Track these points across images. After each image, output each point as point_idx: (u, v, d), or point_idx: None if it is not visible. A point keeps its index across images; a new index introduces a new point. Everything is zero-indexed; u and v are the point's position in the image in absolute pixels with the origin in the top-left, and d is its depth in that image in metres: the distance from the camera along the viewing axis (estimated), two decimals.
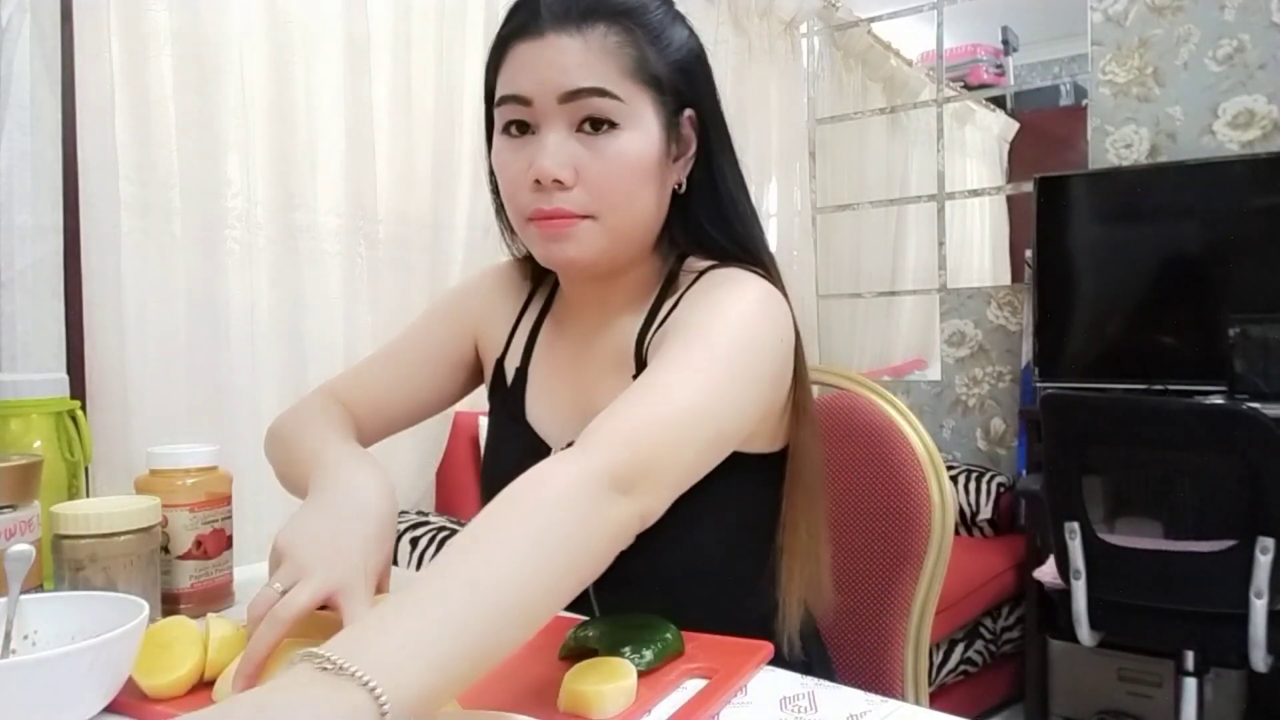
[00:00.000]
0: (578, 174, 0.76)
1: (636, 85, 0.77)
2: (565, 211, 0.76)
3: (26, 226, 1.44)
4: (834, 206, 3.31)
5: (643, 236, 0.83)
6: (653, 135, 0.78)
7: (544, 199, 0.76)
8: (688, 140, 0.83)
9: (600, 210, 0.77)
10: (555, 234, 0.77)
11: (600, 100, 0.75)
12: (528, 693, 0.64)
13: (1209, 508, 1.69)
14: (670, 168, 0.81)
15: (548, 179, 0.75)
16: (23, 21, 1.42)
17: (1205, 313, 2.36)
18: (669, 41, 0.80)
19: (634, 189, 0.78)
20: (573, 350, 0.89)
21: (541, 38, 0.76)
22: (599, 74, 0.75)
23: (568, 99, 0.75)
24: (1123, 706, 2.35)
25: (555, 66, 0.75)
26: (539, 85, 0.76)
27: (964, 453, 3.00)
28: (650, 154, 0.78)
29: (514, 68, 0.78)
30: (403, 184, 2.03)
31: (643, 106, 0.78)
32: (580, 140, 0.76)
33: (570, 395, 0.88)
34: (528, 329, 0.93)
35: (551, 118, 0.76)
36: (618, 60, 0.76)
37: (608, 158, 0.76)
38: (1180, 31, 2.58)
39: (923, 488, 0.97)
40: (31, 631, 0.67)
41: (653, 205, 0.81)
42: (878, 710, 0.63)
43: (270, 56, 1.78)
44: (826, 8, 3.26)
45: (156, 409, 1.60)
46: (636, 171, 0.78)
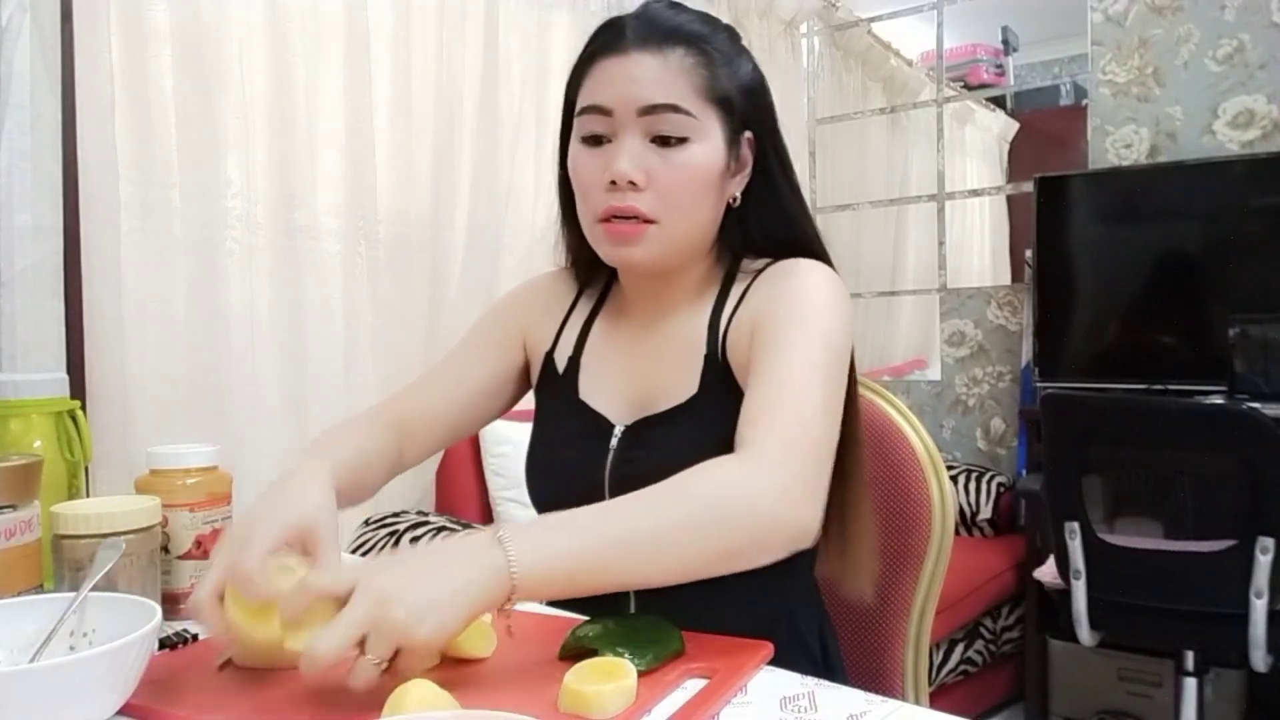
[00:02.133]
0: (649, 178, 0.84)
1: (707, 104, 0.85)
2: (636, 210, 0.83)
3: (26, 226, 1.44)
4: (834, 206, 3.30)
5: (698, 241, 0.90)
6: (718, 150, 0.86)
7: (617, 197, 0.84)
8: (745, 159, 0.90)
9: (665, 215, 0.84)
10: (624, 238, 0.85)
11: (674, 115, 0.83)
12: (528, 693, 0.64)
13: (1209, 508, 1.69)
14: (728, 182, 0.89)
15: (623, 180, 0.83)
16: (23, 21, 1.42)
17: (1205, 313, 2.36)
18: (738, 67, 0.88)
19: (697, 197, 0.86)
20: (630, 337, 0.95)
21: (625, 55, 0.83)
22: (676, 92, 0.83)
23: (646, 112, 0.83)
24: (1123, 706, 2.35)
25: (637, 82, 0.83)
26: (620, 97, 0.83)
27: (964, 453, 3.00)
28: (714, 167, 0.86)
29: (597, 81, 0.85)
30: (403, 184, 2.03)
31: (711, 124, 0.85)
32: (653, 150, 0.84)
33: (627, 375, 0.93)
34: (579, 323, 0.98)
35: (629, 128, 0.84)
36: (692, 80, 0.84)
37: (677, 167, 0.84)
38: (1180, 31, 2.58)
39: (923, 488, 0.97)
40: (91, 630, 0.68)
41: (710, 214, 0.88)
42: (878, 710, 0.63)
43: (270, 56, 1.78)
44: (826, 8, 3.26)
45: (156, 409, 1.60)
46: (701, 182, 0.85)
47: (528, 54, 2.28)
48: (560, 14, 2.37)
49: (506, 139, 2.23)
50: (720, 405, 0.85)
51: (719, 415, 0.84)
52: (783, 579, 0.87)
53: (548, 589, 0.66)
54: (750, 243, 0.93)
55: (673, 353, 0.91)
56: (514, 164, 2.25)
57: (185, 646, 0.76)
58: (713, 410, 0.85)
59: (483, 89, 2.15)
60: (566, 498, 0.73)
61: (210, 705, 0.65)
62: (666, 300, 0.93)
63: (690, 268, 0.92)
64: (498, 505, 2.11)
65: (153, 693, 0.64)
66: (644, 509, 0.69)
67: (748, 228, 0.92)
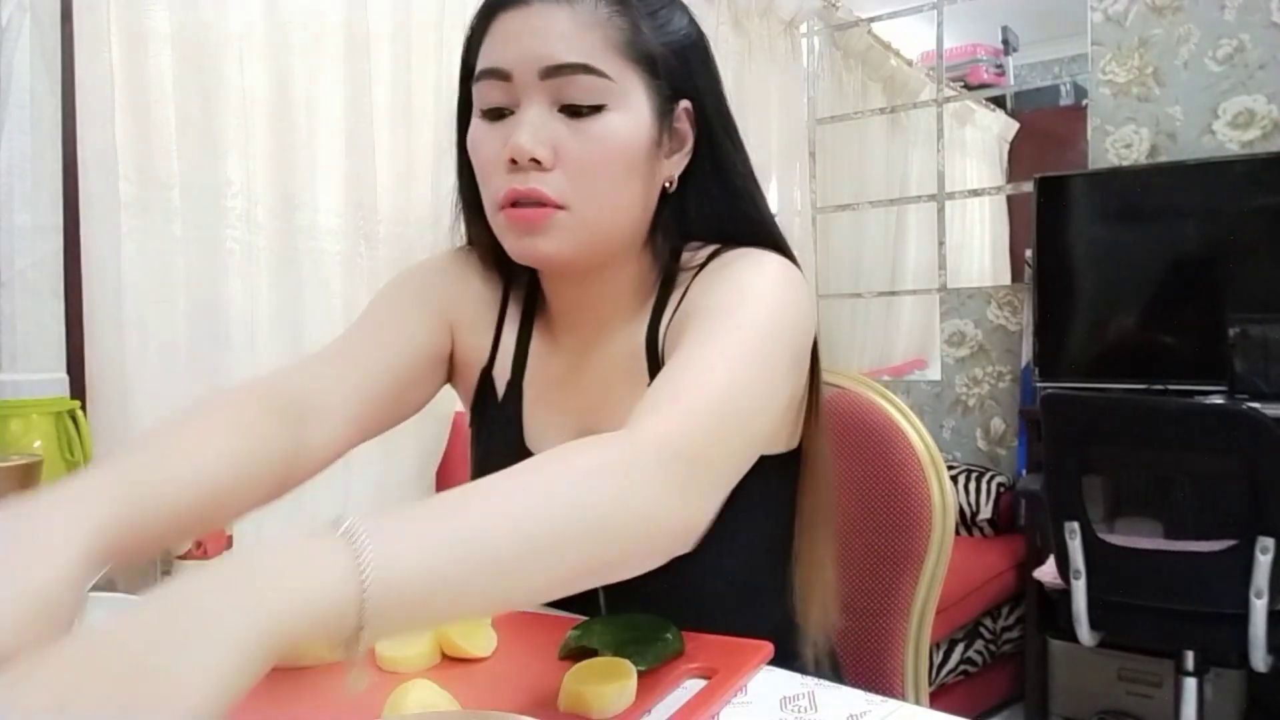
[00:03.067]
0: (557, 154, 0.70)
1: (627, 63, 0.71)
2: (540, 194, 0.69)
3: (26, 226, 1.44)
4: (834, 206, 3.30)
5: (624, 232, 0.76)
6: (642, 120, 0.72)
7: (520, 178, 0.70)
8: (682, 135, 0.76)
9: (577, 199, 0.70)
10: (528, 226, 0.71)
11: (585, 77, 0.69)
12: (528, 693, 0.64)
13: (1209, 508, 1.69)
14: (660, 161, 0.75)
15: (524, 158, 0.69)
16: (23, 21, 1.42)
17: (1205, 313, 2.36)
18: (666, 20, 0.74)
19: (617, 177, 0.71)
20: (571, 364, 0.82)
21: (527, 6, 0.70)
22: (586, 48, 0.69)
23: (550, 74, 0.69)
24: (1123, 706, 2.35)
25: (539, 37, 0.69)
26: (520, 58, 0.70)
27: (964, 453, 3.00)
28: (638, 140, 0.72)
29: (495, 40, 0.72)
30: (403, 184, 2.03)
31: (633, 87, 0.71)
32: (562, 120, 0.70)
33: (575, 416, 0.80)
34: (513, 336, 0.85)
35: (532, 94, 0.70)
36: (607, 33, 0.70)
37: (591, 139, 0.70)
38: (1180, 31, 2.58)
39: (923, 488, 0.96)
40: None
41: (637, 198, 0.74)
42: (878, 710, 0.63)
43: (270, 56, 1.78)
44: (826, 8, 3.26)
45: (156, 409, 1.60)
46: (621, 157, 0.71)
47: None
48: None
49: None
50: None
51: None
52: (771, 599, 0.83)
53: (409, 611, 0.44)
54: (690, 233, 0.79)
55: (616, 377, 0.79)
56: None
57: None
58: None
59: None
60: None
61: None
62: (604, 310, 0.80)
63: (619, 267, 0.78)
64: None
65: None
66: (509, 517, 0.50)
67: (688, 218, 0.78)
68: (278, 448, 0.67)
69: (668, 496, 0.55)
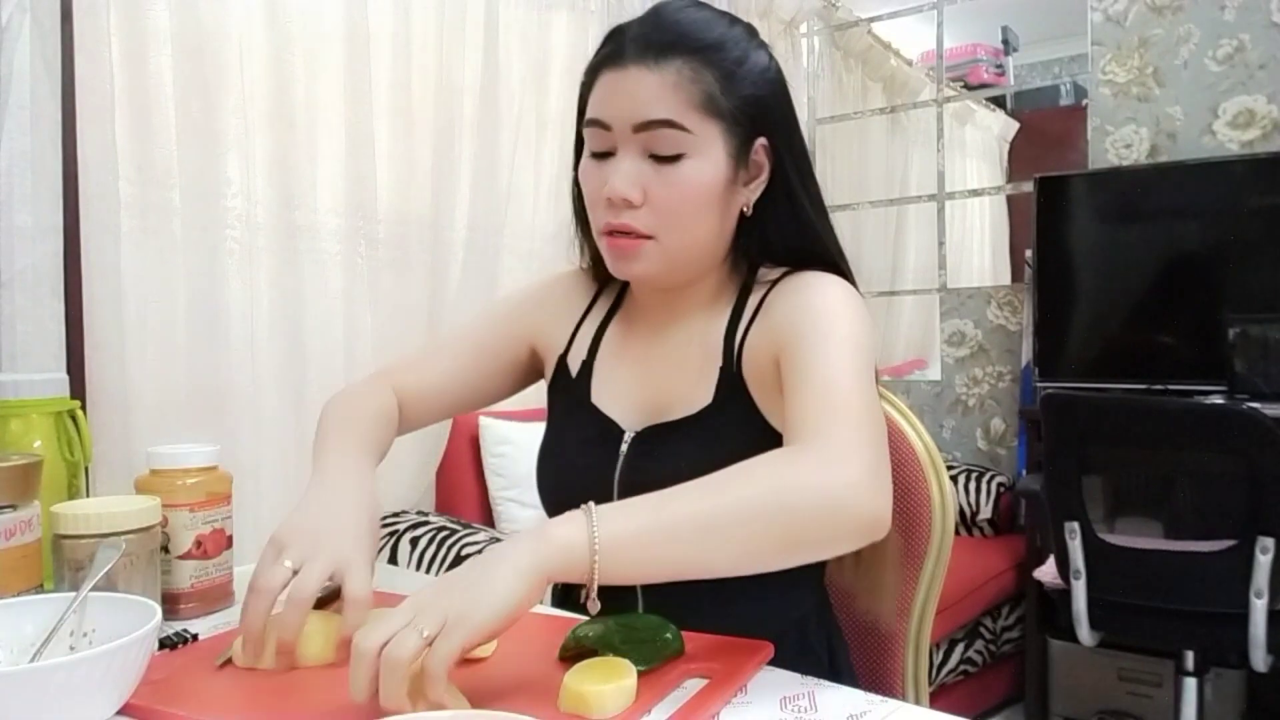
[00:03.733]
0: (646, 196, 0.83)
1: (704, 118, 0.82)
2: (632, 228, 0.83)
3: (26, 226, 1.44)
4: (834, 206, 3.30)
5: (704, 255, 0.88)
6: (718, 164, 0.84)
7: (614, 215, 0.84)
8: (758, 166, 0.88)
9: (662, 232, 0.84)
10: (623, 252, 0.85)
11: (669, 131, 0.81)
12: (528, 693, 0.64)
13: (1209, 508, 1.69)
14: (737, 192, 0.87)
15: (618, 198, 0.82)
16: (23, 21, 1.42)
17: (1205, 313, 2.36)
18: (745, 75, 0.85)
19: (696, 214, 0.84)
20: (643, 343, 0.94)
21: (624, 70, 0.82)
22: (669, 107, 0.81)
23: (641, 129, 0.82)
24: (1123, 706, 2.35)
25: (632, 98, 0.81)
26: (617, 114, 0.82)
27: (964, 453, 3.00)
28: (715, 182, 0.84)
29: (599, 95, 0.85)
30: (403, 184, 2.03)
31: (710, 137, 0.83)
32: (651, 165, 0.83)
33: (639, 381, 0.92)
34: (593, 327, 0.98)
35: (627, 143, 0.83)
36: (688, 95, 0.81)
37: (673, 184, 0.82)
38: (1180, 31, 2.58)
39: (923, 488, 0.97)
40: (91, 630, 0.68)
41: (714, 228, 0.87)
42: (878, 710, 0.63)
43: (270, 56, 1.78)
44: (826, 8, 3.26)
45: (156, 409, 1.60)
46: (699, 198, 0.84)
47: (528, 54, 2.28)
48: (560, 14, 2.37)
49: (506, 139, 2.23)
50: (733, 418, 0.85)
51: (732, 428, 0.85)
52: (790, 590, 0.87)
53: (626, 563, 0.65)
54: (768, 250, 0.91)
55: (686, 361, 0.90)
56: (514, 164, 2.25)
57: (185, 646, 0.76)
58: (725, 423, 0.85)
59: (483, 89, 2.15)
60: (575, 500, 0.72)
61: (210, 705, 0.65)
62: (680, 309, 0.92)
63: (702, 278, 0.91)
64: (498, 505, 2.11)
65: (153, 693, 0.64)
66: (718, 494, 0.67)
67: (765, 235, 0.90)
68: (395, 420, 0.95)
69: (863, 488, 0.69)
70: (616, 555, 0.64)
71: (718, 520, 0.66)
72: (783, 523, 0.67)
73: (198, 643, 0.77)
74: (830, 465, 0.69)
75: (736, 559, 0.68)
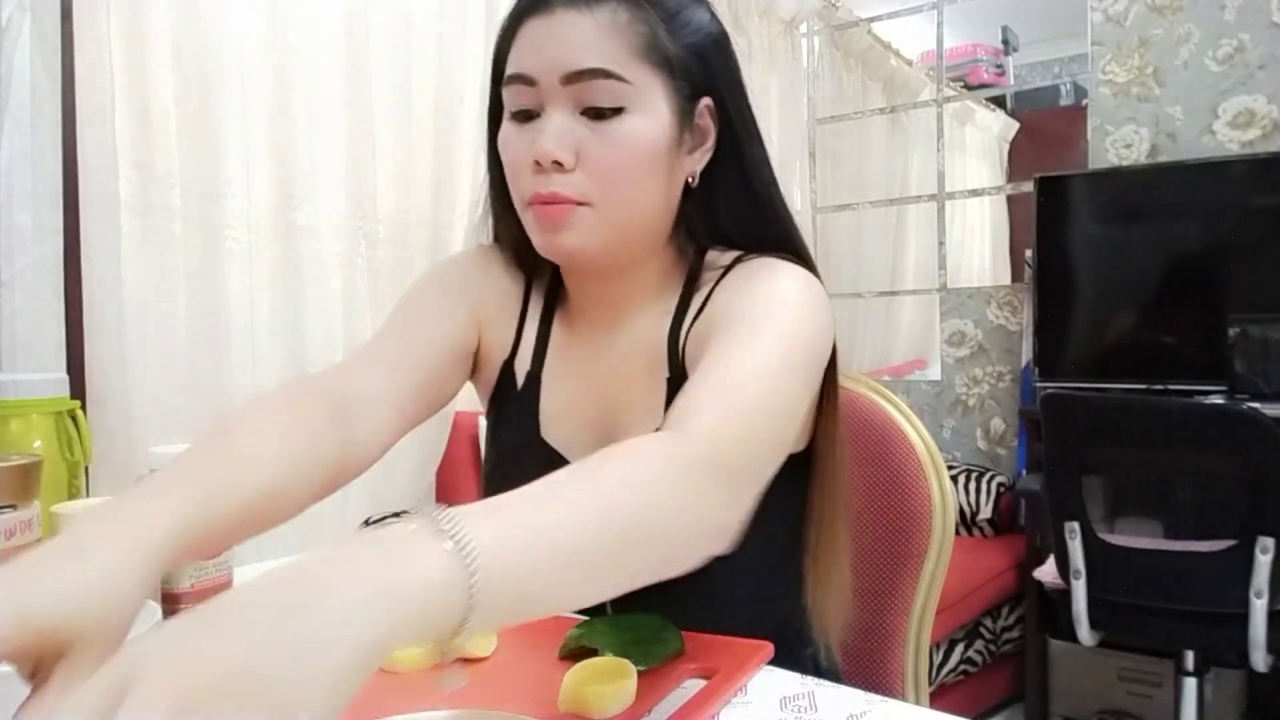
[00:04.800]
0: (579, 157, 0.73)
1: (646, 67, 0.73)
2: (562, 196, 0.72)
3: (26, 226, 1.44)
4: (834, 206, 3.30)
5: (647, 229, 0.78)
6: (662, 121, 0.74)
7: (543, 181, 0.73)
8: (704, 131, 0.79)
9: (599, 197, 0.73)
10: (553, 222, 0.73)
11: (606, 82, 0.72)
12: (528, 693, 0.64)
13: (1209, 508, 1.69)
14: (682, 159, 0.77)
15: (547, 160, 0.72)
16: (23, 21, 1.42)
17: (1205, 313, 2.36)
18: (685, 22, 0.76)
19: (638, 176, 0.74)
20: (590, 356, 0.84)
21: (550, 14, 0.73)
22: (606, 53, 0.72)
23: (572, 80, 0.72)
24: (1123, 706, 2.35)
25: (562, 44, 0.72)
26: (544, 65, 0.72)
27: (964, 453, 3.00)
28: (658, 140, 0.74)
29: (521, 46, 0.75)
30: (403, 184, 2.03)
31: (652, 90, 0.74)
32: (584, 123, 0.73)
33: (589, 399, 0.83)
34: (534, 329, 0.87)
35: (555, 99, 0.73)
36: (626, 39, 0.72)
37: (611, 142, 0.73)
38: (1180, 31, 2.58)
39: (923, 488, 0.96)
40: None
41: (659, 195, 0.77)
42: (878, 710, 0.63)
43: (270, 56, 1.78)
44: (826, 8, 3.26)
45: (156, 409, 1.60)
46: (641, 158, 0.74)
47: None
48: None
49: None
50: None
51: None
52: (780, 597, 0.84)
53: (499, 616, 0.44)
54: (716, 229, 0.81)
55: (634, 370, 0.81)
56: None
57: None
58: None
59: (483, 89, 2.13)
60: None
61: None
62: (623, 304, 0.82)
63: (643, 263, 0.80)
64: None
65: None
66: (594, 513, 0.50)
67: (713, 211, 0.80)
68: (329, 446, 0.69)
69: (715, 497, 0.57)
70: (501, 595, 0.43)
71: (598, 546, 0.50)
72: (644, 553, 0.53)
73: None
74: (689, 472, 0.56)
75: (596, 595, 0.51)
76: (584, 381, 0.84)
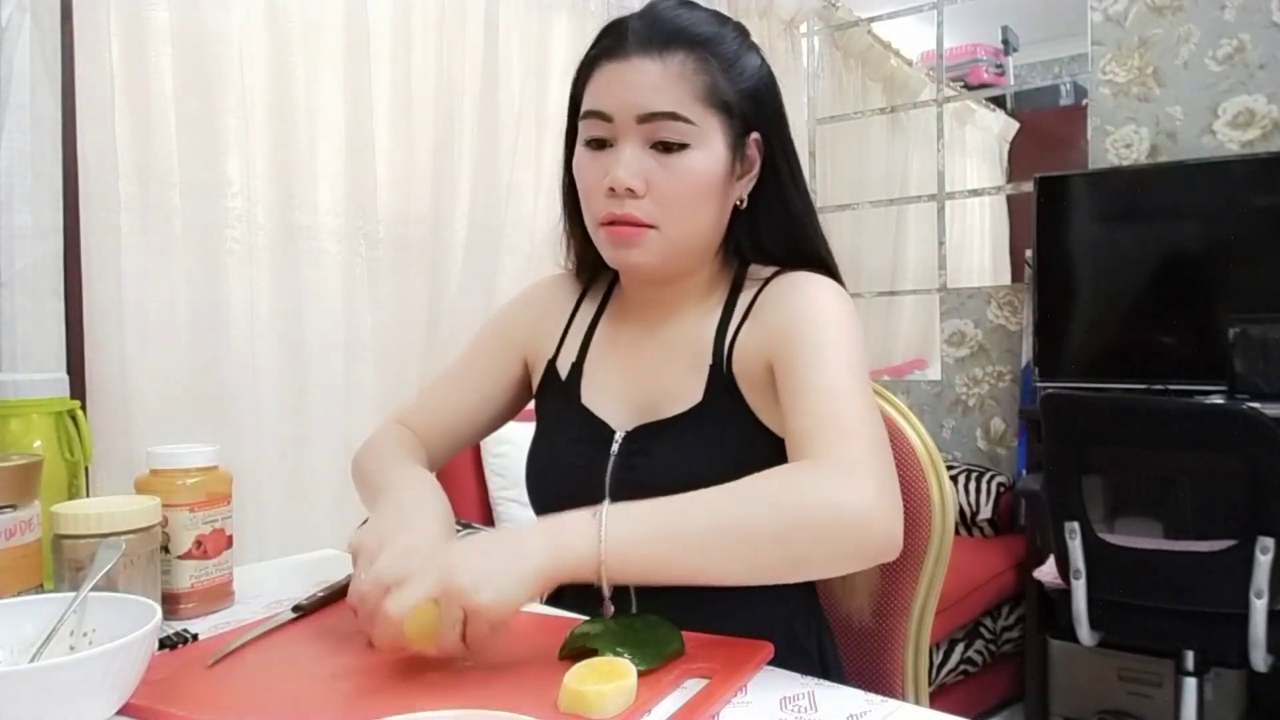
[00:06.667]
0: (648, 186, 0.83)
1: (707, 109, 0.84)
2: (634, 218, 0.83)
3: (26, 226, 1.44)
4: (834, 206, 3.30)
5: (702, 246, 0.89)
6: (719, 156, 0.85)
7: (616, 204, 0.84)
8: (751, 160, 0.89)
9: (665, 221, 0.84)
10: (624, 240, 0.85)
11: (674, 123, 0.82)
12: (528, 693, 0.64)
13: (1209, 508, 1.69)
14: (733, 185, 0.88)
15: (621, 188, 0.82)
16: (23, 21, 1.42)
17: (1205, 313, 2.36)
18: (742, 70, 0.86)
19: (698, 204, 0.85)
20: (633, 340, 0.94)
21: (626, 60, 0.83)
22: (675, 99, 0.82)
23: (645, 119, 0.82)
24: (1123, 706, 2.35)
25: (636, 88, 0.82)
26: (620, 104, 0.83)
27: (964, 453, 3.00)
28: (715, 173, 0.85)
29: (599, 86, 0.85)
30: (403, 184, 2.03)
31: (712, 129, 0.84)
32: (653, 156, 0.83)
33: (629, 379, 0.92)
34: (582, 329, 0.98)
35: (629, 134, 0.83)
36: (692, 85, 0.83)
37: (676, 174, 0.83)
38: (1180, 31, 2.58)
39: (923, 487, 0.97)
40: (91, 630, 0.68)
41: (713, 219, 0.88)
42: (878, 710, 0.63)
43: (270, 56, 1.78)
44: (826, 8, 3.26)
45: (156, 409, 1.60)
46: (701, 189, 0.85)
47: (528, 54, 2.28)
48: (560, 14, 2.37)
49: (506, 139, 2.23)
50: (724, 417, 0.86)
51: (722, 426, 0.85)
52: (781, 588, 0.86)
53: (632, 570, 0.69)
54: (758, 246, 0.92)
55: (676, 359, 0.90)
56: (514, 164, 2.25)
57: (185, 646, 0.76)
58: (716, 421, 0.86)
59: (483, 89, 2.15)
60: (567, 502, 0.74)
61: (209, 704, 0.65)
62: (670, 305, 0.93)
63: (695, 272, 0.91)
64: (498, 505, 2.11)
65: (153, 692, 0.64)
66: (729, 507, 0.70)
67: (756, 230, 0.92)
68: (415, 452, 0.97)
69: (877, 507, 0.70)
70: (622, 565, 0.68)
71: (727, 535, 0.69)
72: (794, 540, 0.69)
73: (198, 643, 0.77)
74: (844, 485, 0.71)
75: (742, 573, 0.71)
76: (625, 361, 0.94)
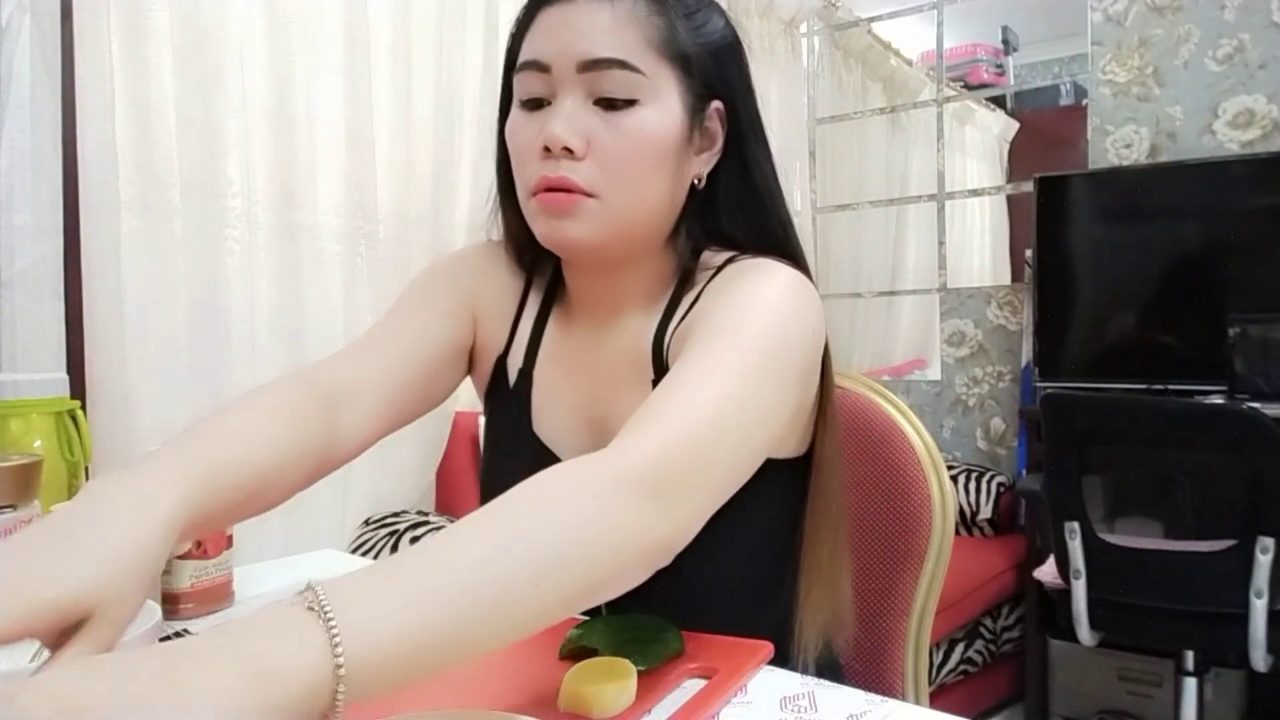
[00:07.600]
0: (589, 145, 0.72)
1: (661, 61, 0.73)
2: (570, 183, 0.71)
3: (26, 226, 1.44)
4: (834, 206, 3.30)
5: (650, 225, 0.77)
6: (674, 116, 0.74)
7: (551, 167, 0.72)
8: (713, 134, 0.78)
9: (606, 189, 0.72)
10: (557, 210, 0.72)
11: (620, 73, 0.71)
12: (528, 693, 0.64)
13: (1209, 508, 1.69)
14: (690, 159, 0.77)
15: (557, 146, 0.71)
16: (23, 21, 1.41)
17: (1205, 313, 2.36)
18: (703, 22, 0.76)
19: (646, 170, 0.73)
20: (582, 353, 0.84)
21: (570, 1, 0.72)
22: (622, 43, 0.71)
23: (587, 68, 0.71)
24: (1123, 706, 2.35)
25: (579, 32, 0.71)
26: (560, 51, 0.72)
27: (964, 453, 3.00)
28: (668, 135, 0.74)
29: (538, 33, 0.74)
30: (403, 184, 2.03)
31: (666, 84, 0.73)
32: (596, 113, 0.72)
33: (581, 405, 0.82)
34: (529, 326, 0.86)
35: (568, 87, 0.72)
36: (644, 31, 0.72)
37: (622, 132, 0.72)
38: (1180, 31, 2.58)
39: (923, 487, 0.96)
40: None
41: (664, 192, 0.76)
42: (878, 710, 0.63)
43: (270, 56, 1.78)
44: (826, 7, 3.26)
45: (156, 409, 1.60)
46: (651, 151, 0.73)
47: None
48: None
49: None
50: None
51: None
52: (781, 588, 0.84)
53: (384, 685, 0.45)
54: (716, 231, 0.80)
55: (623, 370, 0.80)
56: None
57: None
58: None
59: (483, 89, 2.15)
60: None
61: None
62: (619, 304, 0.81)
63: (643, 260, 0.80)
64: None
65: None
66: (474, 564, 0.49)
67: (715, 215, 0.79)
68: (315, 435, 0.70)
69: (644, 514, 0.57)
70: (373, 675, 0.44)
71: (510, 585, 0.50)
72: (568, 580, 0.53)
73: None
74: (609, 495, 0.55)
75: (531, 625, 0.52)
76: (575, 379, 0.83)
